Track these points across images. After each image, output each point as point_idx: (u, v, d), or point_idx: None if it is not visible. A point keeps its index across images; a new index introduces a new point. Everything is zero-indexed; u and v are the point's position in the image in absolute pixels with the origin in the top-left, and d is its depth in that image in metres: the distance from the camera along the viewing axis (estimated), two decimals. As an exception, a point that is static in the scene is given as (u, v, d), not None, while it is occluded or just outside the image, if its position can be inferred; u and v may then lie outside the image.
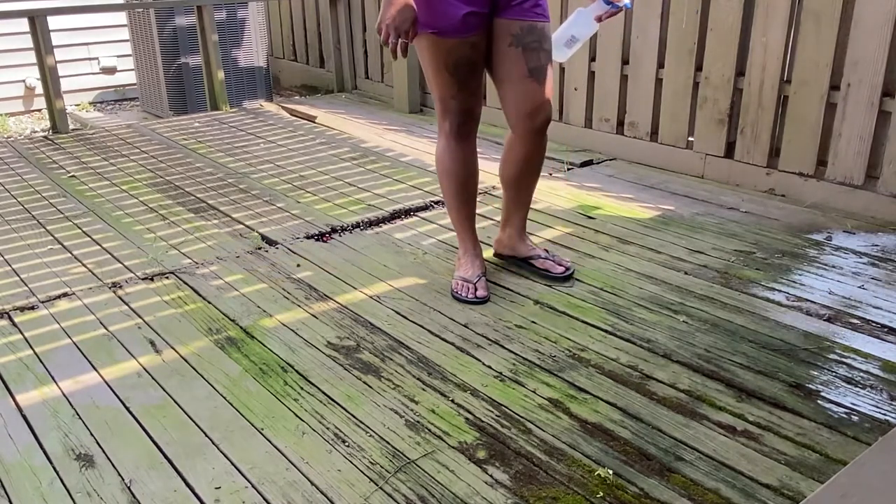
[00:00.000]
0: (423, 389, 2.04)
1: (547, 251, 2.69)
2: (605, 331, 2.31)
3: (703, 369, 2.11)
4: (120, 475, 1.74)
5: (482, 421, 1.90)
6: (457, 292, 2.52)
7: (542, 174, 2.60)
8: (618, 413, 1.93)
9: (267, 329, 2.36)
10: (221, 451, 1.81)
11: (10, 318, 2.45)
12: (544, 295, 2.53)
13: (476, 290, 2.50)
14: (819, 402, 1.96)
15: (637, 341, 2.25)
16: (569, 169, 3.84)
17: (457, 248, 2.67)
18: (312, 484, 1.70)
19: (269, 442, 1.84)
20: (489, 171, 3.80)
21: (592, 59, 4.01)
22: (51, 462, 1.79)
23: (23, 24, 4.81)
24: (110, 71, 6.85)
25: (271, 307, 2.50)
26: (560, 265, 2.63)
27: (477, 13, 2.23)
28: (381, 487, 1.68)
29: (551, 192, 3.49)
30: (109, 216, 3.29)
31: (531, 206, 2.72)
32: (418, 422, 1.91)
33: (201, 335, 2.33)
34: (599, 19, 2.40)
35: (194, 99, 5.71)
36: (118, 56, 6.78)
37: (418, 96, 5.07)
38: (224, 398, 2.02)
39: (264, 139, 4.46)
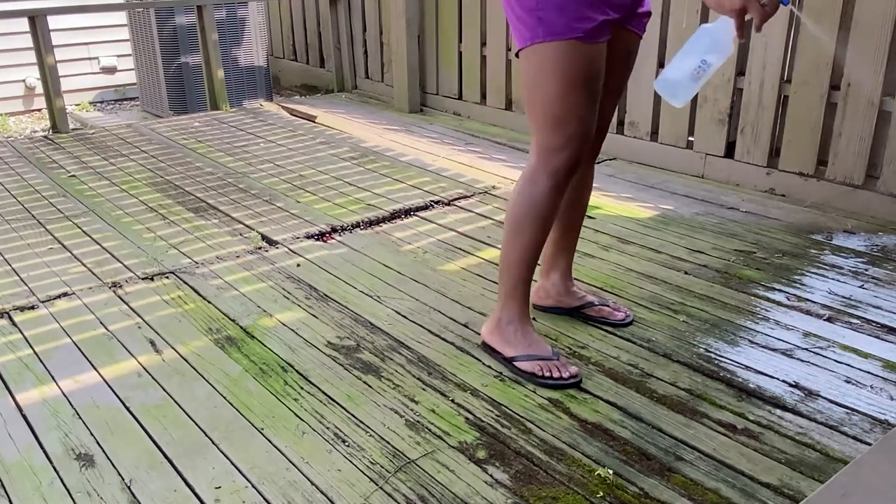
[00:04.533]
0: (423, 389, 2.04)
1: (599, 298, 2.37)
2: (606, 330, 2.31)
3: (704, 369, 2.11)
4: (120, 475, 1.74)
5: (482, 421, 1.90)
6: (543, 374, 2.03)
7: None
8: (618, 413, 1.93)
9: (267, 329, 2.36)
10: (221, 451, 1.81)
11: (10, 318, 2.45)
12: (544, 295, 2.53)
13: (566, 367, 2.05)
14: (819, 401, 1.96)
15: (637, 340, 2.25)
16: (569, 169, 3.83)
17: (457, 249, 2.64)
18: (312, 484, 1.70)
19: (269, 442, 1.84)
20: (489, 171, 3.81)
21: (592, 58, 4.00)
22: (51, 462, 1.79)
23: (23, 24, 4.81)
24: (110, 71, 6.85)
25: (271, 307, 2.50)
26: (619, 311, 2.33)
27: (612, 18, 1.92)
28: (381, 487, 1.69)
29: (551, 191, 3.48)
30: (109, 216, 3.29)
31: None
32: (418, 422, 1.91)
33: (201, 335, 2.33)
34: (742, 30, 1.76)
35: (194, 98, 5.71)
36: (118, 56, 6.78)
37: (418, 96, 5.07)
38: (224, 398, 2.02)
39: (264, 139, 4.46)
